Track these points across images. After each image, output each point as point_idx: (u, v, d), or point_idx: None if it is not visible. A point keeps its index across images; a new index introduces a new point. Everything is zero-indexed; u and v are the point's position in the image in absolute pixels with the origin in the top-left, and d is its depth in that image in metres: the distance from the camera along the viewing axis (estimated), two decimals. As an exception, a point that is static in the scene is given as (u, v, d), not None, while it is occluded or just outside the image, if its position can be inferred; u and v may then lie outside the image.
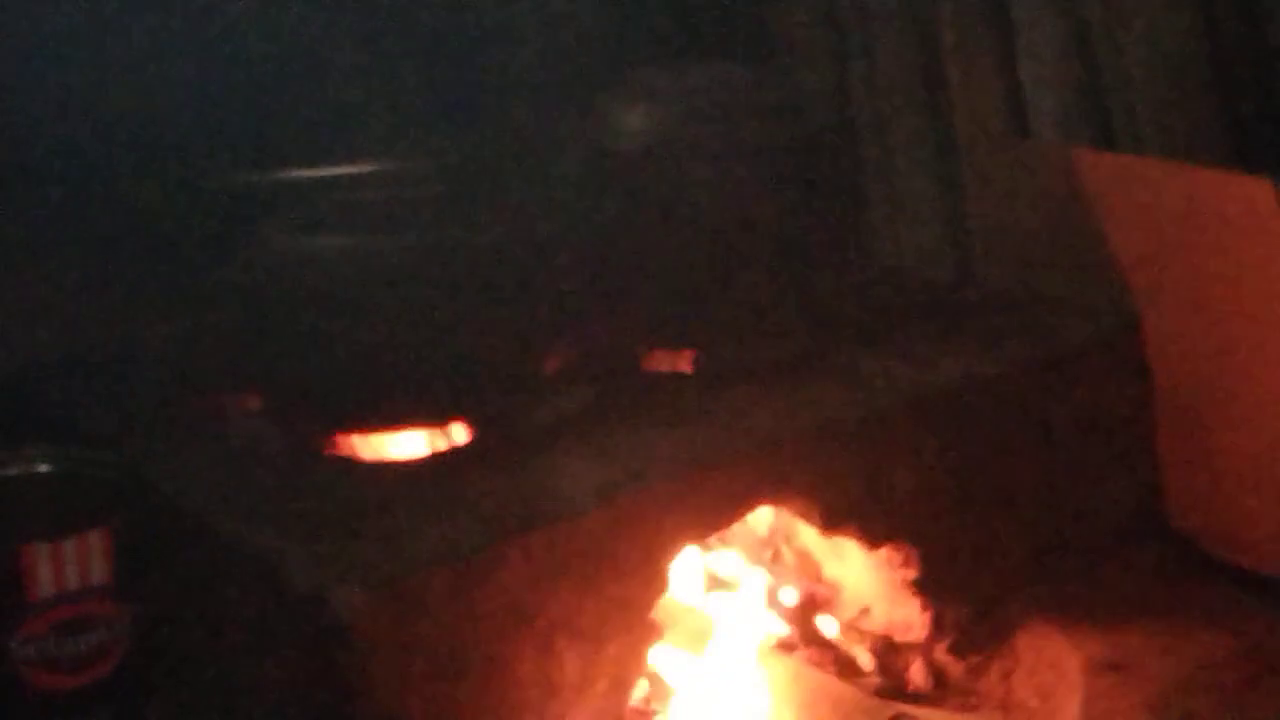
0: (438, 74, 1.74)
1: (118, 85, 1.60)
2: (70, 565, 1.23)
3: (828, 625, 1.51)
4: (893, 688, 1.45)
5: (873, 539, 1.44)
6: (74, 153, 1.59)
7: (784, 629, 1.50)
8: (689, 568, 1.46)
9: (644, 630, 1.29)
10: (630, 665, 1.28)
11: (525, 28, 1.79)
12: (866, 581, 1.49)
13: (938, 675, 1.47)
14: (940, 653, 1.48)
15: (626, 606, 1.27)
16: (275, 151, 1.59)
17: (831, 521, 1.42)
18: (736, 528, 1.45)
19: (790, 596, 1.53)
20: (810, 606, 1.53)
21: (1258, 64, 1.68)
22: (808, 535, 1.50)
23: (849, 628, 1.50)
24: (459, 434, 1.38)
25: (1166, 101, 1.68)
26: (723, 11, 1.87)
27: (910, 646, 1.48)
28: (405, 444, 1.37)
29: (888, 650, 1.48)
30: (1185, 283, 1.58)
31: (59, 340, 1.58)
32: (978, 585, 1.49)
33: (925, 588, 1.46)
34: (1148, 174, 1.63)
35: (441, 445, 1.37)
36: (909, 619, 1.48)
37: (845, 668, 1.47)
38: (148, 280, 1.60)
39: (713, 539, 1.44)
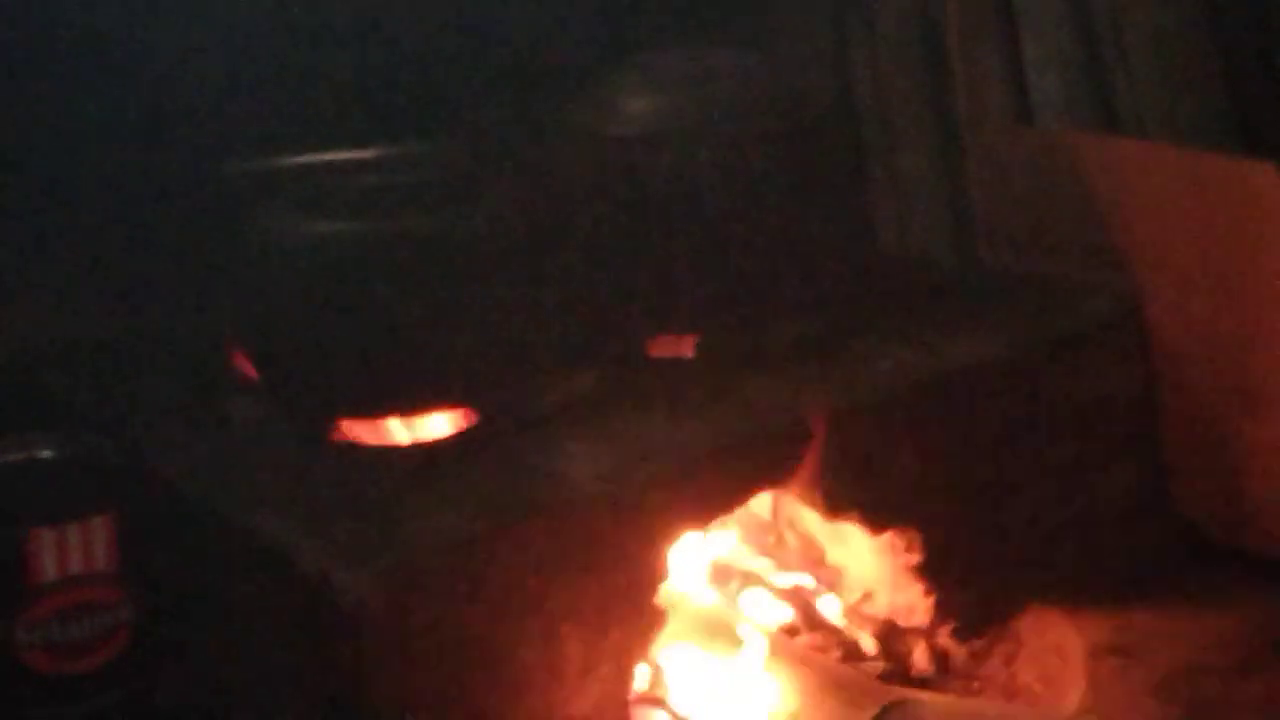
0: (442, 57, 1.73)
1: (119, 72, 1.60)
2: (74, 550, 1.22)
3: (831, 610, 1.51)
4: (896, 672, 1.45)
5: (876, 524, 1.44)
6: (76, 139, 1.59)
7: (788, 614, 1.50)
8: (692, 553, 1.46)
9: (647, 616, 1.29)
10: (634, 651, 1.28)
11: (529, 12, 1.79)
12: (870, 566, 1.49)
13: (941, 660, 1.47)
14: (943, 637, 1.48)
15: (630, 592, 1.27)
16: (278, 136, 1.58)
17: (835, 507, 1.42)
18: (740, 513, 1.45)
19: (793, 582, 1.53)
20: (813, 591, 1.53)
21: (1262, 48, 1.68)
22: (811, 520, 1.50)
23: (852, 612, 1.50)
24: (463, 419, 1.38)
25: (1170, 86, 1.67)
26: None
27: (914, 631, 1.48)
28: (410, 429, 1.37)
29: (891, 635, 1.48)
30: (1190, 267, 1.57)
31: (63, 326, 1.58)
32: (981, 570, 1.49)
33: (928, 572, 1.46)
34: (1151, 158, 1.63)
35: (446, 431, 1.37)
36: (912, 604, 1.48)
37: (849, 652, 1.47)
38: (151, 265, 1.60)
39: (716, 524, 1.44)
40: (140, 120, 1.61)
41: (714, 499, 1.34)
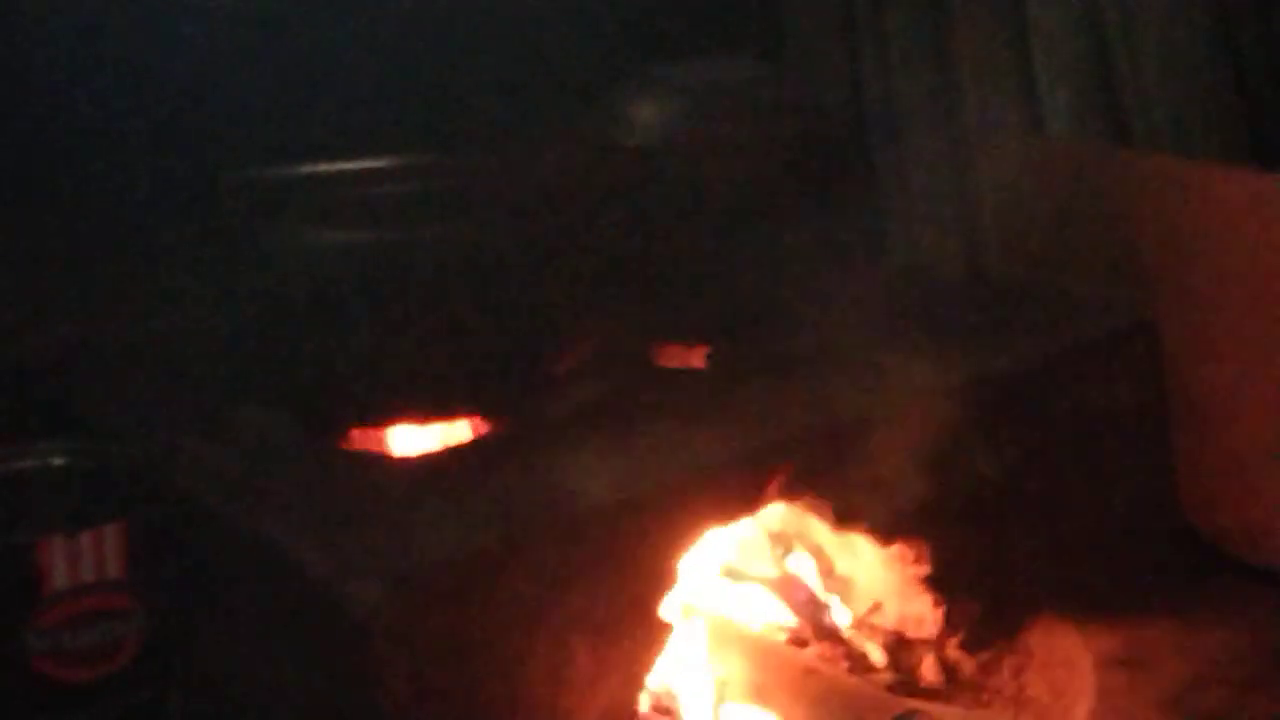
0: (453, 67, 1.74)
1: (130, 79, 1.60)
2: (86, 558, 1.23)
3: (840, 621, 1.52)
4: (905, 683, 1.45)
5: (885, 535, 1.44)
6: (89, 147, 1.59)
7: (796, 624, 1.51)
8: (702, 564, 1.46)
9: (657, 626, 1.29)
10: (643, 661, 1.28)
11: (541, 21, 1.79)
12: (879, 577, 1.49)
13: (949, 671, 1.47)
14: (952, 648, 1.48)
15: (639, 602, 1.27)
16: (290, 146, 1.59)
17: (844, 517, 1.42)
18: (750, 523, 1.45)
19: (801, 592, 1.53)
20: (822, 602, 1.53)
21: (1272, 61, 1.68)
22: (820, 531, 1.50)
23: (861, 623, 1.51)
24: (474, 428, 1.38)
25: (1180, 98, 1.68)
26: (736, 6, 1.87)
27: (922, 642, 1.48)
28: (420, 438, 1.38)
29: (900, 646, 1.48)
30: (1199, 279, 1.57)
31: (75, 334, 1.59)
32: (990, 581, 1.49)
33: (937, 584, 1.46)
34: (1161, 171, 1.63)
35: (457, 440, 1.37)
36: (921, 615, 1.48)
37: (857, 663, 1.47)
38: (162, 274, 1.60)
39: (726, 534, 1.44)
40: (152, 128, 1.61)
41: (724, 509, 1.34)
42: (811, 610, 1.51)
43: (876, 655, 1.47)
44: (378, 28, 1.71)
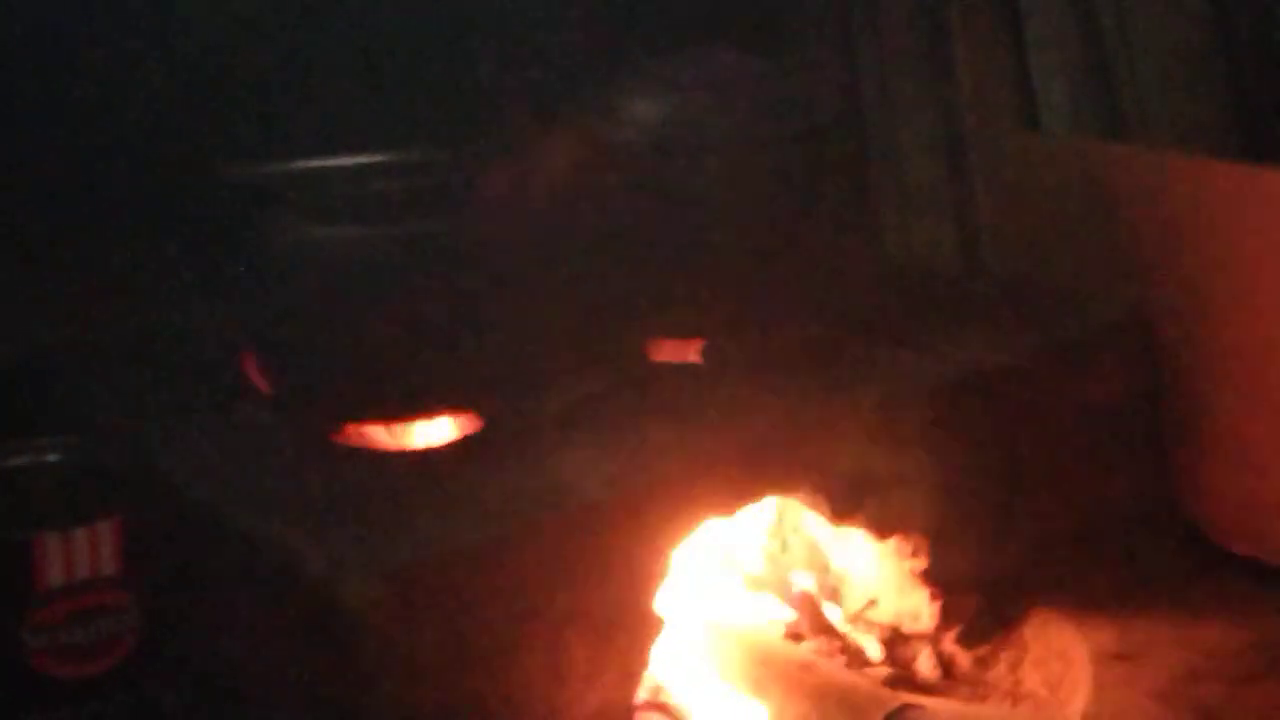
0: (447, 62, 1.74)
1: (126, 75, 1.60)
2: (81, 555, 1.23)
3: (835, 615, 1.52)
4: (901, 678, 1.45)
5: (881, 529, 1.44)
6: (82, 142, 1.59)
7: (792, 619, 1.51)
8: (697, 558, 1.46)
9: (652, 621, 1.29)
10: (639, 656, 1.28)
11: (535, 15, 1.79)
12: (875, 572, 1.49)
13: (946, 665, 1.47)
14: (948, 643, 1.48)
15: (635, 597, 1.27)
16: (285, 141, 1.59)
17: (840, 511, 1.42)
18: (744, 518, 1.45)
19: (798, 586, 1.53)
20: (817, 597, 1.53)
21: (1269, 54, 1.68)
22: (816, 525, 1.50)
23: (857, 618, 1.51)
24: (467, 424, 1.38)
25: (1177, 92, 1.67)
26: (732, 1, 1.87)
27: (918, 637, 1.48)
28: (414, 434, 1.38)
29: (896, 640, 1.49)
30: (1196, 274, 1.57)
31: (69, 330, 1.59)
32: (986, 575, 1.49)
33: (934, 578, 1.46)
34: (1158, 165, 1.63)
35: (450, 435, 1.38)
36: (917, 609, 1.48)
37: (853, 658, 1.47)
38: (157, 270, 1.60)
39: (721, 529, 1.44)
40: (147, 122, 1.61)
41: (719, 503, 1.34)
42: (807, 604, 1.52)
43: (873, 650, 1.47)
44: (373, 22, 1.71)
